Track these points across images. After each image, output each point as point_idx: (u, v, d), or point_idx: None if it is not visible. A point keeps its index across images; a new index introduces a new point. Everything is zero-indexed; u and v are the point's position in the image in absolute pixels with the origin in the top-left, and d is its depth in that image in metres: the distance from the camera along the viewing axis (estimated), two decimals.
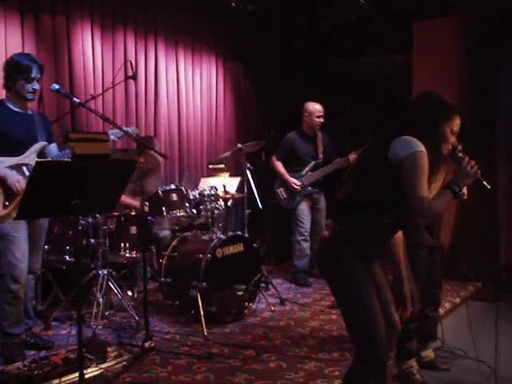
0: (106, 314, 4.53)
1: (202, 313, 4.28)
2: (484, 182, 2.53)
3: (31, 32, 4.92)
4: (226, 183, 5.33)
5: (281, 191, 6.00)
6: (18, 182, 3.55)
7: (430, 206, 2.39)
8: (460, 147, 2.57)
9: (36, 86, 3.71)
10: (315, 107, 5.91)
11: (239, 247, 4.74)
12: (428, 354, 3.80)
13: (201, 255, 4.45)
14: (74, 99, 3.72)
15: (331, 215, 2.76)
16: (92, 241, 4.54)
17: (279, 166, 5.99)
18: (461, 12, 5.86)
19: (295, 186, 5.87)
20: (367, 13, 6.24)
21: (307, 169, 5.95)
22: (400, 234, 2.78)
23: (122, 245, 4.65)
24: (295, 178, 5.91)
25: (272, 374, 3.51)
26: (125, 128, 3.88)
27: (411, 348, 3.57)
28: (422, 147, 2.43)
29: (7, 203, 3.57)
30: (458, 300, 5.26)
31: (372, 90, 6.97)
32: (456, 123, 2.54)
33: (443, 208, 2.48)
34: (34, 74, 3.68)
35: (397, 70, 6.73)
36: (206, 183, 5.63)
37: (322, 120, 5.91)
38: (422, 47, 6.35)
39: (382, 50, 6.85)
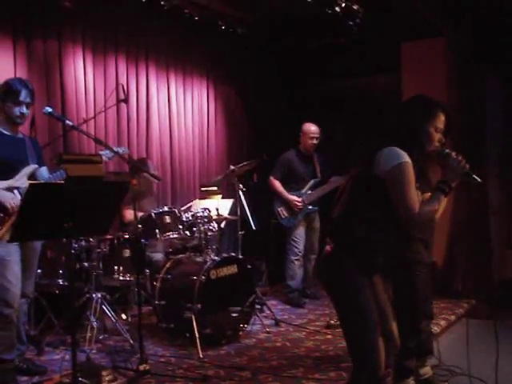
0: (100, 337, 4.49)
1: (196, 335, 4.24)
2: (474, 176, 2.51)
3: (23, 57, 4.97)
4: (218, 205, 5.34)
5: (281, 210, 5.97)
6: (13, 199, 3.53)
7: (420, 214, 2.41)
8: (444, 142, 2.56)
9: (24, 110, 3.71)
10: (310, 128, 5.93)
11: (233, 268, 4.72)
12: (426, 371, 3.76)
13: (195, 277, 4.43)
14: (67, 122, 3.73)
15: (328, 233, 2.77)
16: (85, 264, 4.51)
17: (278, 185, 5.97)
18: (448, 33, 5.95)
19: (297, 204, 5.85)
20: (356, 34, 6.30)
21: (307, 187, 5.95)
22: None
23: (116, 268, 4.64)
24: (295, 195, 5.91)
25: None
26: (115, 149, 3.89)
27: (410, 366, 3.55)
28: (405, 157, 2.43)
29: None
30: (453, 318, 5.24)
31: (361, 110, 7.04)
32: (440, 120, 2.53)
33: (436, 210, 2.48)
34: (23, 97, 3.68)
35: (386, 91, 6.80)
36: (199, 205, 5.62)
37: (315, 142, 5.93)
38: (410, 68, 6.45)
39: (370, 71, 6.93)
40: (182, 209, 5.55)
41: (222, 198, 6.07)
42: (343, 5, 5.12)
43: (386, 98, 6.82)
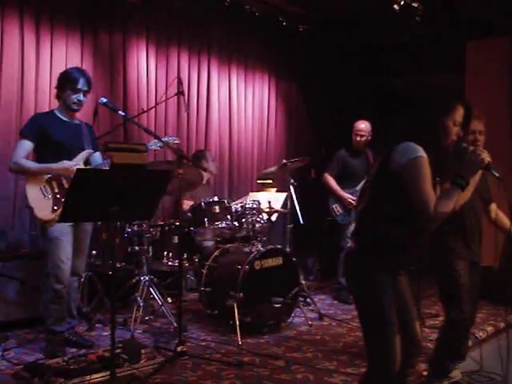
0: (146, 318, 4.71)
1: (237, 322, 4.38)
2: (493, 171, 2.51)
3: (90, 49, 5.26)
4: (272, 198, 5.44)
5: (336, 207, 6.01)
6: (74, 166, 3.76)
7: (436, 208, 2.39)
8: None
9: (81, 97, 3.95)
10: (357, 126, 5.93)
11: (278, 260, 4.81)
12: (455, 374, 3.69)
13: (239, 266, 4.56)
14: (120, 112, 3.95)
15: (354, 228, 2.82)
16: (136, 248, 4.73)
17: (332, 182, 6.01)
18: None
19: (351, 201, 5.87)
20: (420, 33, 6.22)
21: (361, 184, 5.95)
22: None
23: (165, 253, 4.84)
24: (350, 193, 5.94)
25: None
26: (164, 138, 4.08)
27: (449, 368, 3.51)
28: (421, 152, 2.42)
29: (55, 207, 3.82)
30: (502, 325, 5.11)
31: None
32: (459, 114, 2.51)
33: (452, 206, 2.44)
34: (81, 85, 3.92)
35: (449, 90, 6.66)
36: (254, 197, 5.74)
37: (362, 139, 5.91)
38: (474, 67, 6.31)
39: (434, 70, 6.82)
40: (237, 201, 5.71)
41: (277, 191, 6.18)
42: (402, 3, 5.07)
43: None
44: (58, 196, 3.84)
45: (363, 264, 2.59)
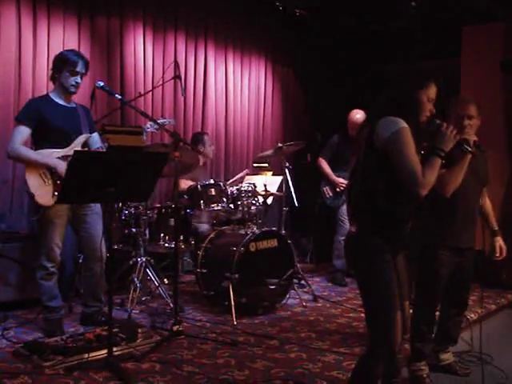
0: (143, 299, 4.79)
1: (232, 303, 4.46)
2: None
3: (87, 33, 5.28)
4: (267, 181, 5.50)
5: (326, 189, 6.10)
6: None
7: (424, 176, 2.48)
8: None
9: (79, 80, 3.95)
10: (352, 119, 5.92)
11: (273, 242, 4.88)
12: (447, 357, 3.75)
13: (234, 248, 4.63)
14: (116, 96, 3.98)
15: (351, 214, 2.88)
16: (133, 230, 4.79)
17: (325, 166, 6.08)
18: (506, 18, 5.81)
19: (342, 185, 5.95)
20: (416, 18, 6.24)
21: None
22: None
23: (162, 235, 4.90)
24: (341, 177, 6.00)
25: (290, 363, 3.64)
26: (160, 120, 4.12)
27: (421, 350, 3.51)
28: (402, 123, 2.51)
29: (56, 193, 3.85)
30: (493, 307, 5.21)
31: None
32: (432, 91, 2.63)
33: (436, 174, 2.55)
34: (79, 68, 3.92)
35: (445, 76, 6.70)
36: (250, 181, 5.79)
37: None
38: (470, 53, 6.33)
39: (430, 55, 6.84)
40: (233, 179, 5.77)
41: (273, 174, 6.24)
42: None
43: (444, 82, 6.74)
44: (59, 182, 3.84)
45: (368, 246, 2.64)
